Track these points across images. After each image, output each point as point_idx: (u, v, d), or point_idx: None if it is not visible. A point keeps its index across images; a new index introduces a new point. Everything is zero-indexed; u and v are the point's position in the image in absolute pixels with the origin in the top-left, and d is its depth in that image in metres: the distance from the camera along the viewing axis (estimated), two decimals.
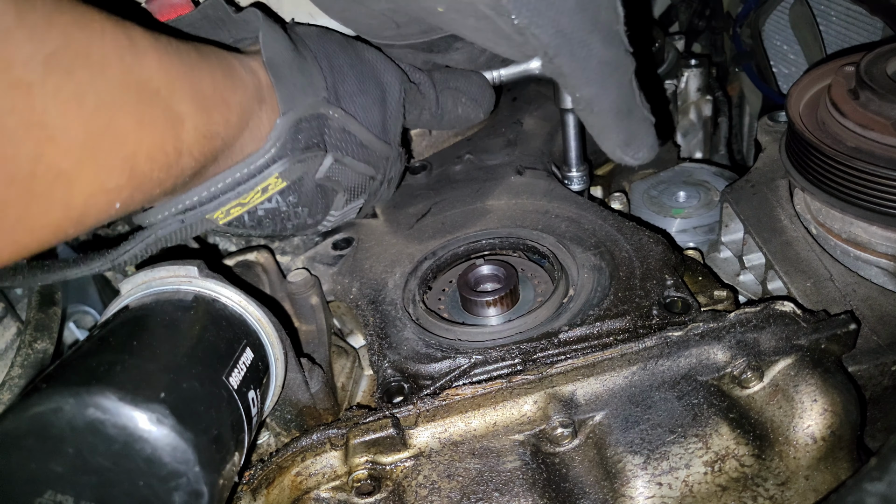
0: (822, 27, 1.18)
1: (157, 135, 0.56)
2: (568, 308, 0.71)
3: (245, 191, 0.68)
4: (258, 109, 0.68)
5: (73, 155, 0.49)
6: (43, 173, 0.47)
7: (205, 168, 0.64)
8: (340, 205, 0.80)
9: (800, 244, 0.77)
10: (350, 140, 0.77)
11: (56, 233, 0.51)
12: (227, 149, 0.65)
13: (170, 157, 0.57)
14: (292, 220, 0.76)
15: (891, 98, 0.72)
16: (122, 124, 0.52)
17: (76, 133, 0.49)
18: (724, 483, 0.56)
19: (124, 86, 0.53)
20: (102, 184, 0.52)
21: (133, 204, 0.57)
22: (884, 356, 0.64)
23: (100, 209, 0.53)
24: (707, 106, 1.31)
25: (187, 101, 0.59)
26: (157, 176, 0.57)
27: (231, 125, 0.64)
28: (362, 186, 0.81)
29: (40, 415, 0.46)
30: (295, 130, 0.70)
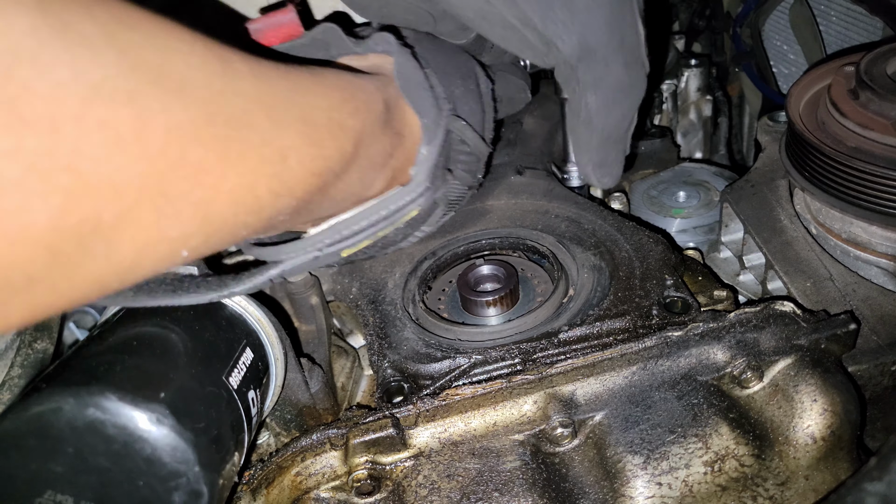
0: (821, 27, 1.18)
1: (246, 173, 0.45)
2: (568, 308, 0.71)
3: (385, 227, 0.62)
4: (380, 134, 0.60)
5: (120, 203, 0.39)
6: (72, 227, 0.37)
7: (308, 206, 0.55)
8: (435, 220, 0.73)
9: (800, 244, 0.77)
10: (463, 150, 0.71)
11: (97, 288, 0.42)
12: (336, 180, 0.56)
13: (262, 200, 0.47)
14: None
15: (891, 98, 0.72)
16: (197, 162, 0.42)
17: (127, 176, 0.38)
18: (724, 483, 0.56)
19: (208, 116, 0.42)
20: (162, 232, 0.42)
21: (208, 250, 0.47)
22: (884, 356, 0.64)
23: (158, 259, 0.43)
24: (707, 106, 1.31)
25: (293, 132, 0.49)
26: (242, 220, 0.47)
27: (346, 157, 0.55)
28: (461, 199, 0.76)
29: (40, 415, 0.46)
30: (437, 157, 0.64)
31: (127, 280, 0.43)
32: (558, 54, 0.64)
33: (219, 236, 0.47)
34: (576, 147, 0.75)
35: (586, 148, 0.73)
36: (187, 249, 0.44)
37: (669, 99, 1.27)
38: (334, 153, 0.54)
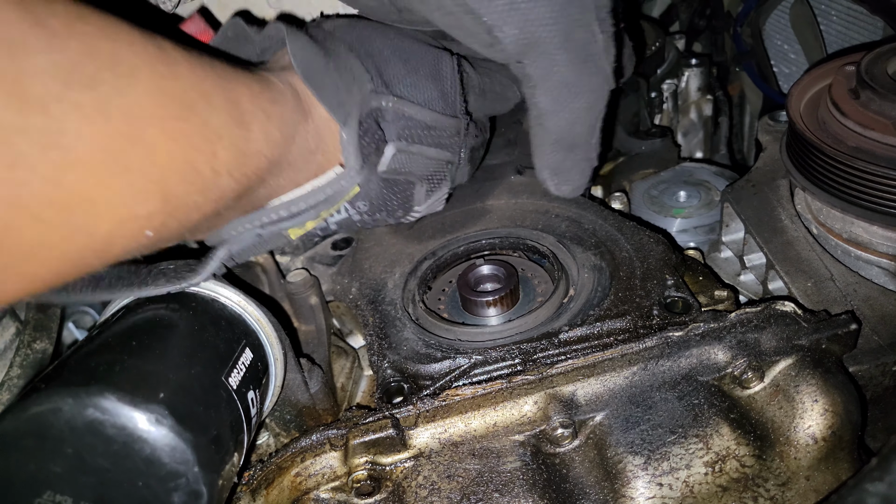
0: (822, 26, 1.18)
1: (191, 152, 0.50)
2: (568, 308, 0.71)
3: (324, 207, 0.66)
4: (303, 122, 0.63)
5: (96, 178, 0.43)
6: (61, 199, 0.42)
7: (249, 191, 0.59)
8: (422, 197, 0.75)
9: (800, 244, 0.77)
10: (412, 125, 0.71)
11: (77, 264, 0.46)
12: (273, 168, 0.60)
13: (206, 179, 0.52)
14: (369, 224, 0.72)
15: (892, 98, 0.71)
16: (152, 141, 0.46)
17: (100, 153, 0.43)
18: (725, 483, 0.56)
19: (155, 99, 0.47)
20: (131, 209, 0.46)
21: (167, 232, 0.51)
22: (885, 356, 0.64)
23: (128, 237, 0.48)
24: (707, 105, 1.31)
25: (223, 116, 0.53)
26: (193, 200, 0.51)
27: (273, 141, 0.59)
28: (441, 173, 0.76)
29: (39, 415, 0.46)
30: (360, 135, 0.66)
31: (104, 257, 0.47)
32: (502, 47, 0.63)
33: (175, 216, 0.51)
34: (533, 150, 0.74)
35: (540, 150, 0.73)
36: (151, 229, 0.49)
37: (670, 98, 1.27)
38: (261, 136, 0.58)
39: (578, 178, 0.76)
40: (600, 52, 0.66)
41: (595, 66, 0.67)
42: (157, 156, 0.47)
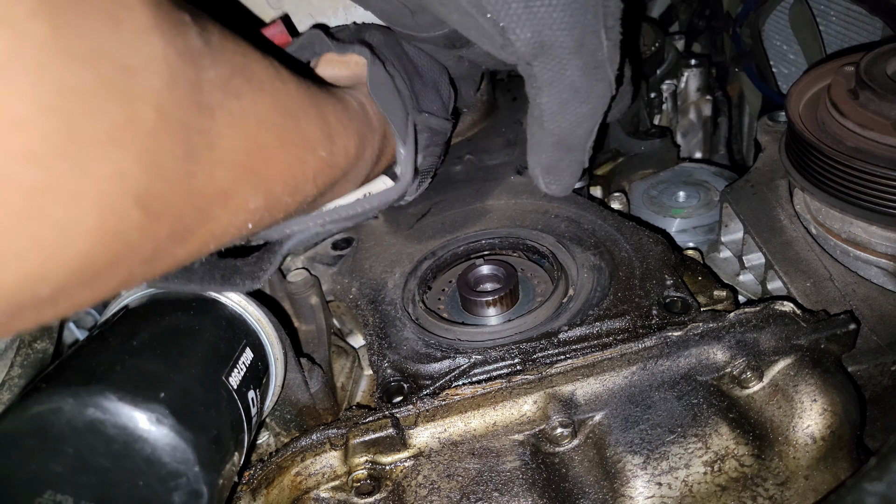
0: (821, 27, 1.18)
1: (293, 160, 0.56)
2: (567, 308, 0.71)
3: (376, 213, 0.75)
4: (371, 137, 0.70)
5: (234, 175, 0.49)
6: (210, 192, 0.47)
7: (322, 196, 0.65)
8: (413, 189, 0.84)
9: (799, 244, 0.77)
10: (430, 133, 0.80)
11: (200, 249, 0.50)
12: (343, 178, 0.67)
13: (299, 183, 0.57)
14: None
15: (891, 98, 0.72)
16: (269, 147, 0.52)
17: (238, 155, 0.48)
18: (724, 483, 0.56)
19: (274, 110, 0.53)
20: (247, 204, 0.51)
21: (260, 227, 0.56)
22: (883, 356, 0.64)
23: (238, 228, 0.52)
24: (707, 106, 1.31)
25: (317, 128, 0.59)
26: (285, 200, 0.57)
27: (350, 155, 0.65)
28: (431, 168, 0.86)
29: (40, 415, 0.46)
30: (414, 153, 0.74)
31: (219, 243, 0.51)
32: (514, 49, 0.65)
33: (271, 213, 0.55)
34: (529, 147, 0.77)
35: (537, 149, 0.76)
36: (253, 223, 0.53)
37: (669, 99, 1.27)
38: (342, 149, 0.63)
39: (569, 179, 0.80)
40: (606, 60, 0.68)
41: (601, 73, 0.69)
42: (271, 161, 0.53)
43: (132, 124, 0.37)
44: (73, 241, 0.36)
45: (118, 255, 0.40)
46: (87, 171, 0.35)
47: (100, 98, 0.35)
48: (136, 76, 0.38)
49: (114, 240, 0.38)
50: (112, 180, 0.37)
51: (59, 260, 0.36)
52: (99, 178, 0.36)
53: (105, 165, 0.36)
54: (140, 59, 0.38)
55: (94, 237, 0.37)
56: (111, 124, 0.36)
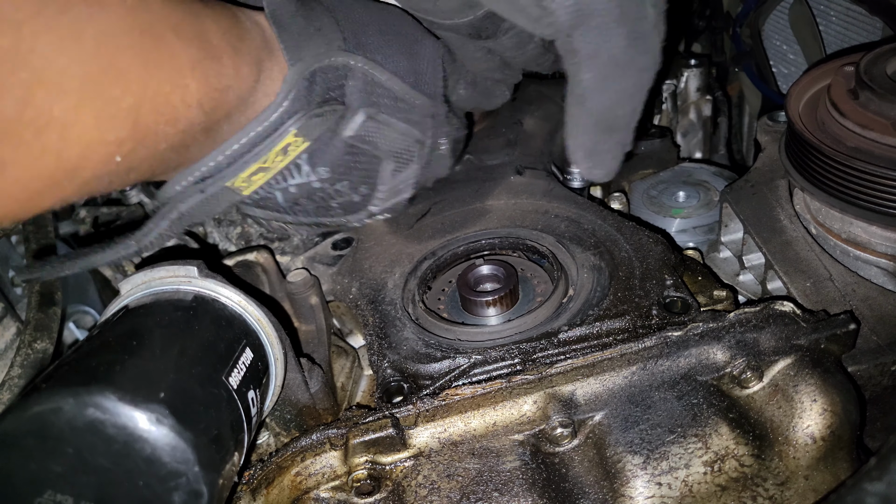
0: (821, 27, 1.18)
1: (163, 82, 0.51)
2: (567, 308, 0.71)
3: (263, 151, 0.63)
4: (268, 62, 0.63)
5: (68, 100, 0.45)
6: (31, 119, 0.43)
7: (217, 125, 0.60)
8: (387, 176, 0.73)
9: (799, 244, 0.77)
10: (381, 93, 0.69)
11: (50, 186, 0.48)
12: (240, 105, 0.61)
13: (177, 109, 0.53)
14: (334, 197, 0.70)
15: (890, 98, 0.72)
16: (125, 68, 0.48)
17: (71, 76, 0.45)
18: (724, 483, 0.56)
19: (127, 26, 0.49)
20: (102, 134, 0.48)
21: (136, 160, 0.53)
22: (883, 356, 0.64)
23: (98, 161, 0.49)
24: (707, 106, 1.31)
25: (195, 48, 0.54)
26: (162, 130, 0.53)
27: (242, 76, 0.60)
28: (408, 151, 0.73)
29: (40, 415, 0.46)
30: (309, 82, 0.64)
31: (75, 179, 0.49)
32: (552, 19, 0.61)
33: (145, 144, 0.52)
34: (568, 129, 0.71)
35: (577, 130, 0.70)
36: (120, 155, 0.50)
37: (669, 99, 1.27)
38: (230, 71, 0.58)
39: (612, 163, 0.73)
40: (651, 30, 0.63)
41: (646, 45, 0.64)
42: (130, 84, 0.49)
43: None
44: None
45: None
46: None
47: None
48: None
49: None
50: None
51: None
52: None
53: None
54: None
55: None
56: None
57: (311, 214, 0.71)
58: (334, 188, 0.69)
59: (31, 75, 0.42)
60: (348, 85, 0.67)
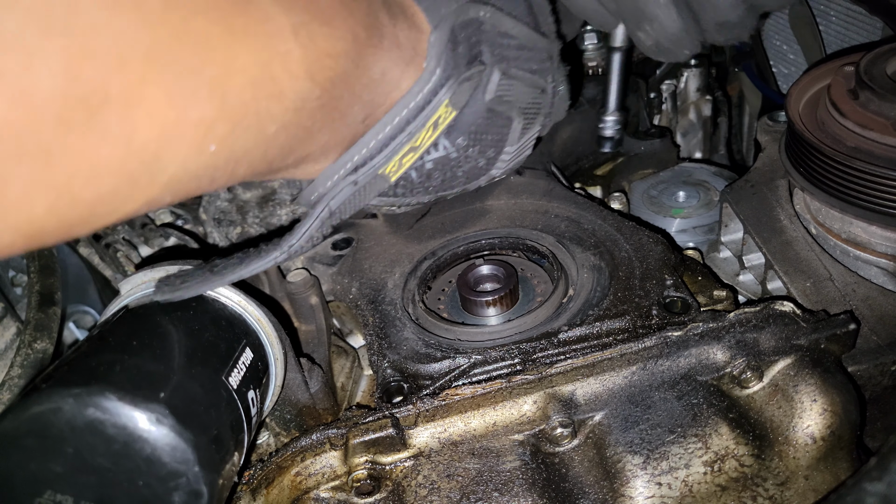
0: (821, 27, 1.18)
1: (256, 50, 0.43)
2: (567, 308, 0.71)
3: (416, 129, 0.56)
4: (390, 24, 0.55)
5: (129, 72, 0.37)
6: (80, 97, 0.35)
7: (339, 101, 0.52)
8: (516, 136, 0.67)
9: (799, 244, 0.77)
10: (508, 44, 0.63)
11: (125, 182, 0.39)
12: (362, 74, 0.53)
13: (280, 81, 0.45)
14: (463, 165, 0.64)
15: (890, 98, 0.72)
16: (202, 33, 0.40)
17: (131, 43, 0.37)
18: (724, 483, 0.56)
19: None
20: (180, 113, 0.40)
21: (239, 148, 0.45)
22: (883, 356, 0.64)
23: (185, 150, 0.41)
24: (706, 106, 1.31)
25: (297, 10, 0.46)
26: (264, 107, 0.45)
27: (360, 41, 0.52)
28: (536, 104, 0.68)
29: (40, 415, 0.46)
30: (453, 45, 0.57)
31: (157, 174, 0.41)
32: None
33: (244, 125, 0.44)
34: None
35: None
36: (214, 141, 0.42)
37: (669, 99, 1.27)
38: (346, 33, 0.50)
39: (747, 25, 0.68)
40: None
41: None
42: (211, 52, 0.41)
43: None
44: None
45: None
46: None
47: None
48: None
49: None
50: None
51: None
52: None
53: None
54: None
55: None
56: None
57: (433, 190, 0.64)
58: (466, 154, 0.63)
59: (73, 42, 0.34)
60: (483, 41, 0.60)
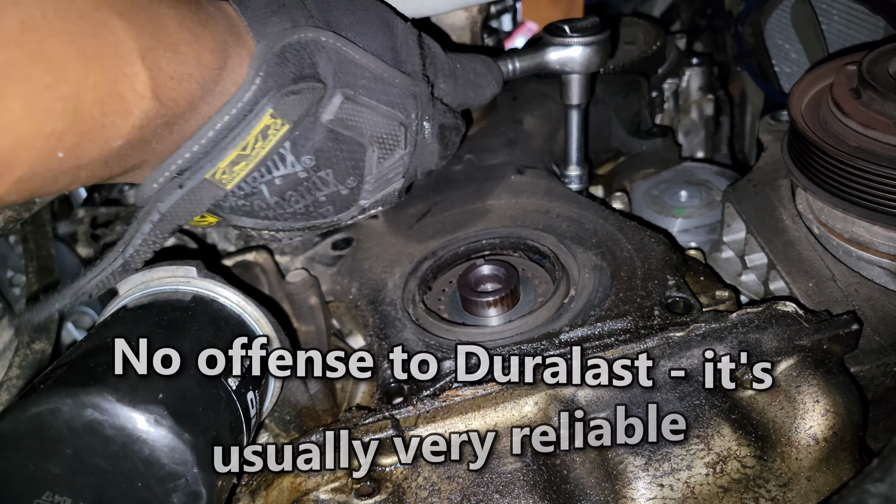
0: (824, 26, 1.17)
1: (106, 70, 0.48)
2: (569, 308, 0.70)
3: (240, 135, 0.59)
4: (235, 46, 0.60)
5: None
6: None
7: (180, 118, 0.56)
8: (373, 164, 0.69)
9: (802, 244, 0.77)
10: (357, 72, 0.66)
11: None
12: (205, 94, 0.58)
13: (126, 100, 0.50)
14: (321, 188, 0.66)
15: (893, 97, 0.71)
16: (56, 54, 0.45)
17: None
18: (726, 484, 0.56)
19: (61, 10, 0.46)
20: (35, 125, 0.45)
21: (84, 157, 0.50)
22: (886, 356, 0.64)
23: (35, 156, 0.46)
24: (709, 105, 1.31)
25: (146, 36, 0.51)
26: (111, 122, 0.50)
27: (205, 64, 0.57)
28: (393, 136, 0.69)
29: (38, 415, 0.46)
30: (280, 59, 0.61)
31: (5, 175, 0.46)
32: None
33: (91, 138, 0.49)
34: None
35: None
36: (63, 150, 0.47)
37: (671, 98, 1.27)
38: (191, 58, 0.55)
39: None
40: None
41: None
42: (65, 71, 0.46)
43: None
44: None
45: None
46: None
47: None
48: None
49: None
50: None
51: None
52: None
53: None
54: None
55: None
56: None
57: (301, 216, 0.67)
58: (318, 176, 0.66)
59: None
60: (321, 64, 0.64)
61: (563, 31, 0.83)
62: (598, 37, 0.83)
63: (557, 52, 0.83)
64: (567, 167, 0.94)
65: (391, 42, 0.69)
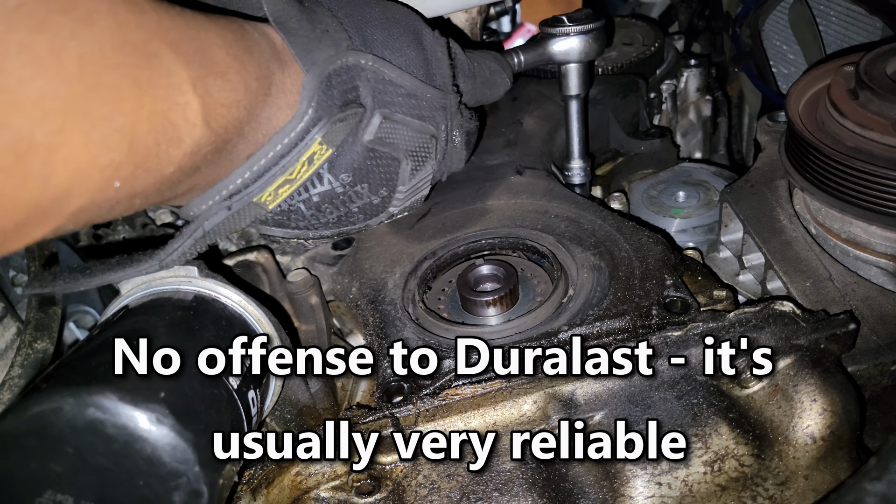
0: (821, 27, 1.18)
1: (159, 101, 0.49)
2: (567, 308, 0.71)
3: (289, 163, 0.61)
4: (279, 73, 0.62)
5: (51, 122, 0.42)
6: (9, 144, 0.41)
7: (229, 144, 0.58)
8: (406, 176, 0.73)
9: (799, 244, 0.77)
10: (393, 91, 0.69)
11: (36, 215, 0.45)
12: (252, 120, 0.59)
13: (179, 129, 0.51)
14: (355, 201, 0.69)
15: (890, 98, 0.72)
16: (114, 87, 0.46)
17: (52, 97, 0.42)
18: (724, 483, 0.56)
19: (116, 43, 0.46)
20: (94, 158, 0.45)
21: (139, 186, 0.50)
22: (883, 356, 0.64)
23: (93, 188, 0.47)
24: (706, 106, 1.31)
25: (195, 65, 0.52)
26: (164, 150, 0.50)
27: (252, 91, 0.58)
28: (425, 148, 0.73)
29: (40, 414, 0.46)
30: (327, 86, 0.63)
31: (65, 207, 0.46)
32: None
33: (146, 167, 0.50)
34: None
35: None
36: (119, 180, 0.48)
37: (669, 99, 1.27)
38: (239, 85, 0.57)
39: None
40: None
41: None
42: (122, 103, 0.46)
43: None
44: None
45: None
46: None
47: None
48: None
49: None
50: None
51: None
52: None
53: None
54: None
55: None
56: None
57: (333, 225, 0.70)
58: (354, 190, 0.69)
59: (3, 97, 0.40)
60: (361, 86, 0.66)
61: (562, 21, 0.87)
62: (595, 24, 0.86)
63: (558, 43, 0.87)
64: (569, 161, 0.95)
65: (422, 56, 0.72)
